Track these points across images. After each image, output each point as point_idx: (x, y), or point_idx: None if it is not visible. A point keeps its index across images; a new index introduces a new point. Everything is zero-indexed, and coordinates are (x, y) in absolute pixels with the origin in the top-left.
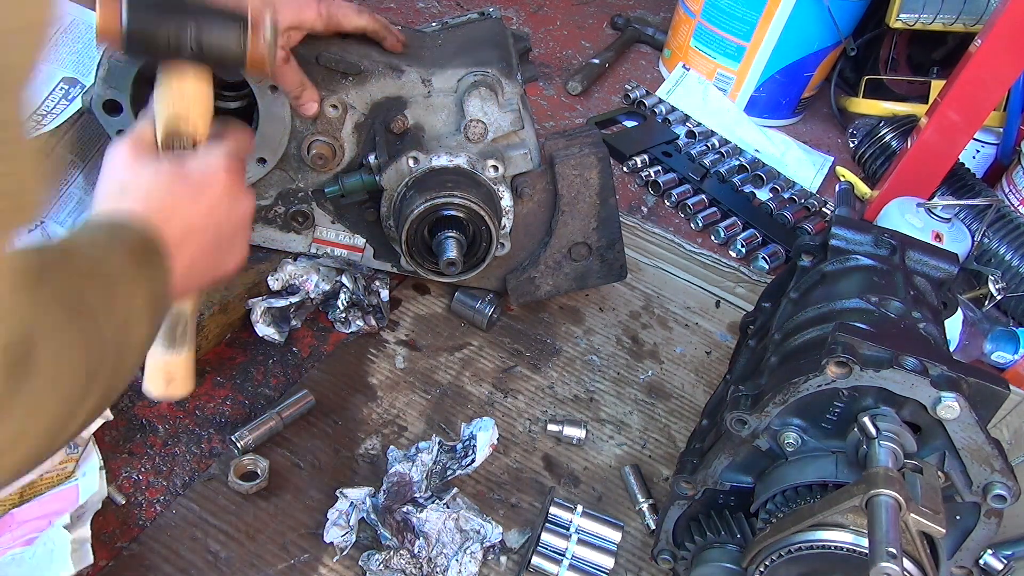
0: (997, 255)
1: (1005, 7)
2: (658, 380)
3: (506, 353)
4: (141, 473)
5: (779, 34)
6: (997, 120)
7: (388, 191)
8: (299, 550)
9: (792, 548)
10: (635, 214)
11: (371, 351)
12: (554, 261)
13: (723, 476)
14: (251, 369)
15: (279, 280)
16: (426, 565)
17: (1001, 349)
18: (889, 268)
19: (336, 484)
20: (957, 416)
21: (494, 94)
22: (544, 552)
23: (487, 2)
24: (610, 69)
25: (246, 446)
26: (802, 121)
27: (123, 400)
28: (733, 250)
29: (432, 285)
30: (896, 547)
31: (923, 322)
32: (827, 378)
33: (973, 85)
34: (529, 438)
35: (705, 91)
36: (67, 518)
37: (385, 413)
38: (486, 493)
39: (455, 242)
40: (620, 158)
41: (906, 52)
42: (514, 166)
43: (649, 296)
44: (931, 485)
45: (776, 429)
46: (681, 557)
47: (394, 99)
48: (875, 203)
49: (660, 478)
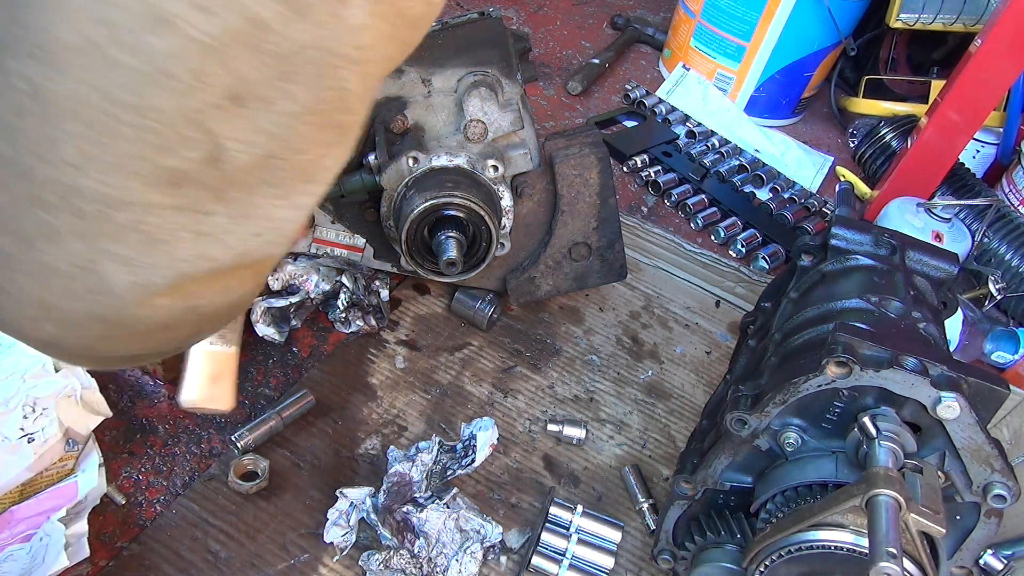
0: (997, 255)
1: (1005, 7)
2: (658, 380)
3: (506, 353)
4: (141, 473)
5: (779, 34)
6: (997, 120)
7: (388, 191)
8: (299, 550)
9: (792, 548)
10: (635, 214)
11: (371, 351)
12: (554, 261)
13: (723, 476)
14: (251, 369)
15: (279, 280)
16: (426, 565)
17: (1001, 349)
18: (889, 268)
19: (336, 484)
20: (957, 416)
21: (494, 94)
22: (544, 552)
23: (487, 2)
24: (610, 69)
25: (246, 446)
26: (802, 121)
27: (123, 400)
28: (733, 250)
29: (432, 285)
30: (896, 547)
31: (923, 322)
32: (827, 378)
33: (973, 85)
34: (529, 438)
35: (705, 91)
36: (63, 512)
37: (385, 413)
38: (486, 493)
39: (455, 242)
40: (620, 158)
41: (906, 52)
42: (514, 166)
43: (649, 296)
44: (931, 485)
45: (776, 429)
46: (681, 557)
47: (394, 99)
48: (875, 203)
49: (660, 478)
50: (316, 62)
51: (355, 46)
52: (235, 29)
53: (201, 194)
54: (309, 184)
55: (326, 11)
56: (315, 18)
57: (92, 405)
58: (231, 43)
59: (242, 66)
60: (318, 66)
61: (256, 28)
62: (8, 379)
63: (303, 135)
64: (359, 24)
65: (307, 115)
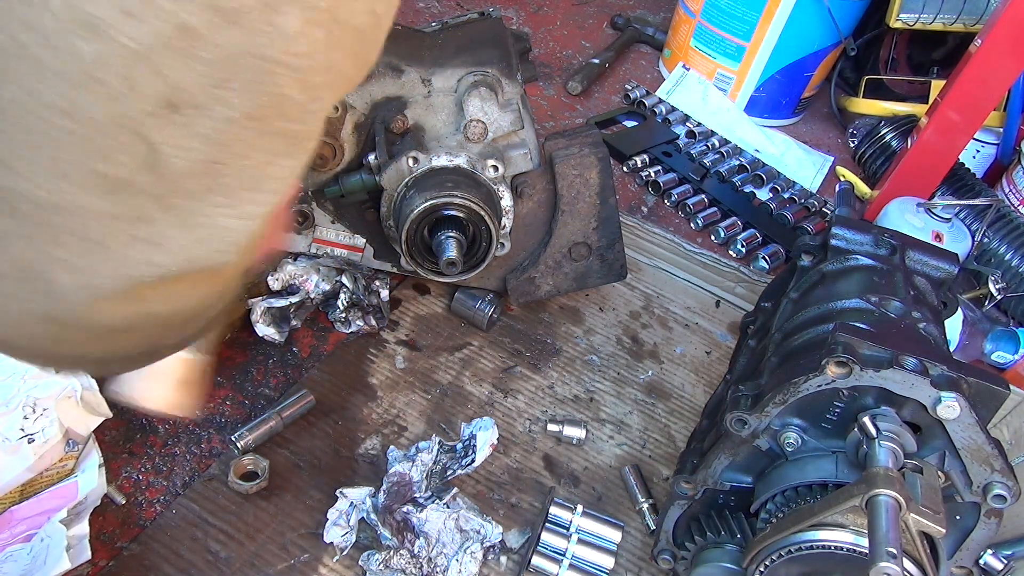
0: (997, 255)
1: (1005, 7)
2: (658, 380)
3: (506, 353)
4: (141, 473)
5: (779, 34)
6: (997, 120)
7: (388, 191)
8: (299, 550)
9: (792, 548)
10: (635, 214)
11: (371, 351)
12: (554, 261)
13: (723, 476)
14: (251, 369)
15: (279, 280)
16: (426, 565)
17: (1001, 349)
18: (889, 268)
19: (336, 484)
20: (957, 416)
21: (494, 94)
22: (544, 552)
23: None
24: (610, 69)
25: (246, 446)
26: (802, 121)
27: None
28: (733, 250)
29: (432, 285)
30: (896, 547)
31: (923, 322)
32: (827, 378)
33: (973, 85)
34: (529, 438)
35: (705, 91)
36: (64, 513)
37: (385, 413)
38: (486, 493)
39: (455, 242)
40: (620, 158)
41: (906, 52)
42: (514, 166)
43: (649, 296)
44: (931, 485)
45: (776, 429)
46: (681, 557)
47: (394, 99)
48: (875, 203)
49: (660, 478)
50: (251, 68)
51: (290, 52)
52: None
53: (140, 200)
54: (255, 193)
55: (259, 18)
56: (247, 25)
57: (92, 405)
58: (161, 49)
59: (174, 73)
60: (253, 72)
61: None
62: (8, 379)
63: (244, 141)
64: (294, 31)
65: (246, 121)
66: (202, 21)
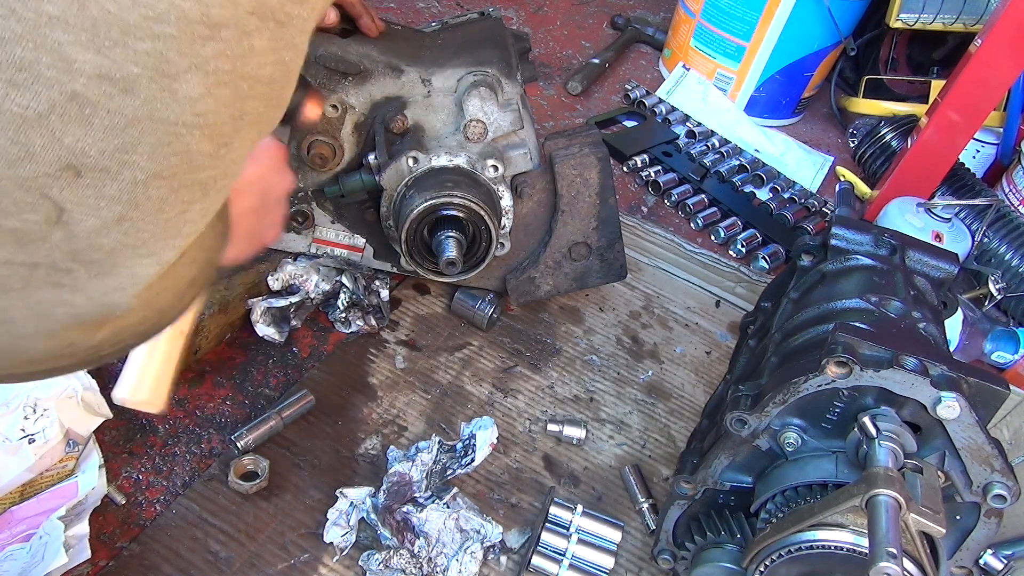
0: (997, 255)
1: (1005, 7)
2: (658, 380)
3: (506, 353)
4: (141, 473)
5: (779, 34)
6: (997, 120)
7: (388, 191)
8: (299, 550)
9: (792, 548)
10: (635, 214)
11: (371, 351)
12: (554, 261)
13: (723, 476)
14: (251, 369)
15: (279, 280)
16: (426, 565)
17: (1001, 349)
18: (889, 268)
19: (336, 484)
20: (957, 416)
21: (494, 94)
22: (544, 552)
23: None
24: (610, 69)
25: (246, 446)
26: (802, 121)
27: None
28: (733, 250)
29: (432, 285)
30: (896, 547)
31: (923, 322)
32: (827, 378)
33: (973, 85)
34: (529, 438)
35: (705, 91)
36: (62, 510)
37: (385, 413)
38: (486, 493)
39: (455, 242)
40: (620, 158)
41: (906, 52)
42: (514, 166)
43: (649, 296)
44: (931, 485)
45: (776, 429)
46: (681, 557)
47: (394, 99)
48: (875, 203)
49: (660, 478)
50: (155, 132)
51: (195, 113)
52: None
53: (52, 252)
54: (175, 239)
55: (156, 87)
56: (145, 94)
57: (92, 406)
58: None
59: (71, 139)
60: (158, 135)
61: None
62: None
63: (155, 198)
64: (197, 94)
65: (155, 180)
66: (96, 92)
